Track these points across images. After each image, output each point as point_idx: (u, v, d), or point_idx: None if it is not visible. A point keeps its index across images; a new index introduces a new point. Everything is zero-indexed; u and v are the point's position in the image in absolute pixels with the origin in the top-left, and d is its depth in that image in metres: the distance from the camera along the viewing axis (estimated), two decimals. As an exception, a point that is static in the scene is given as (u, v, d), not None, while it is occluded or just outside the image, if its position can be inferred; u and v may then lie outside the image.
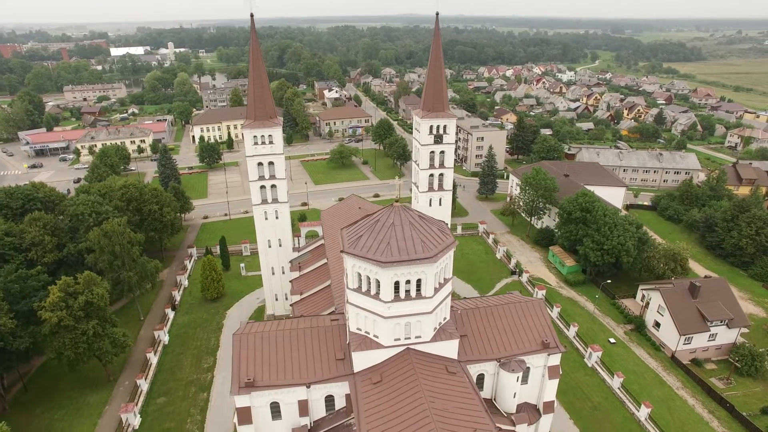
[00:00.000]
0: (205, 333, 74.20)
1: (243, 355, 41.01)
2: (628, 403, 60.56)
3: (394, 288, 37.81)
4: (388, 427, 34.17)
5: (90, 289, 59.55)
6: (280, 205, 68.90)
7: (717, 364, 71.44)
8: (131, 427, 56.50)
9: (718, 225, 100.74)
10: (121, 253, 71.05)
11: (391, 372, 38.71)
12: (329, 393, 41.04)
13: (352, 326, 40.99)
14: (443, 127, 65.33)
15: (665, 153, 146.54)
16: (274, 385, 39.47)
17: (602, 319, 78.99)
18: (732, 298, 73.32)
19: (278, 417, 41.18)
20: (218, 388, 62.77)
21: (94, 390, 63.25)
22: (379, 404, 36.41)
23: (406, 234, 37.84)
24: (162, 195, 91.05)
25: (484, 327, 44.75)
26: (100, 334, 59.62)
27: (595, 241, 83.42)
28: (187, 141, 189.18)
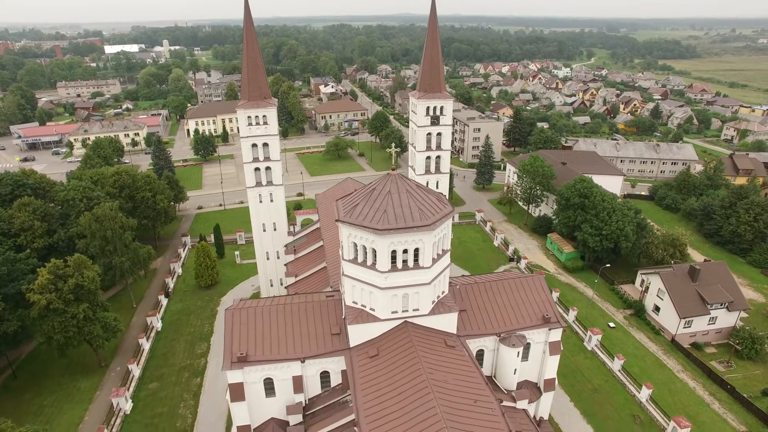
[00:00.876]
0: (199, 320, 72.95)
1: (235, 329, 39.84)
2: (629, 385, 59.76)
3: (391, 258, 36.78)
4: (385, 400, 33.15)
5: (80, 272, 58.19)
6: (275, 187, 67.69)
7: (717, 348, 70.79)
8: (122, 412, 55.22)
9: (716, 212, 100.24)
10: (113, 238, 69.71)
11: (388, 346, 37.65)
12: (324, 369, 39.92)
13: (348, 300, 39.91)
14: (440, 108, 64.32)
15: (662, 144, 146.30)
16: (268, 360, 38.31)
17: (601, 305, 78.23)
18: (732, 281, 72.70)
19: (272, 394, 40.03)
20: (212, 373, 61.55)
21: (84, 376, 61.91)
22: (376, 377, 35.36)
23: (403, 202, 36.81)
24: (155, 182, 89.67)
25: (484, 302, 43.76)
26: (90, 318, 58.29)
27: (593, 226, 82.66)
28: (182, 135, 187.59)
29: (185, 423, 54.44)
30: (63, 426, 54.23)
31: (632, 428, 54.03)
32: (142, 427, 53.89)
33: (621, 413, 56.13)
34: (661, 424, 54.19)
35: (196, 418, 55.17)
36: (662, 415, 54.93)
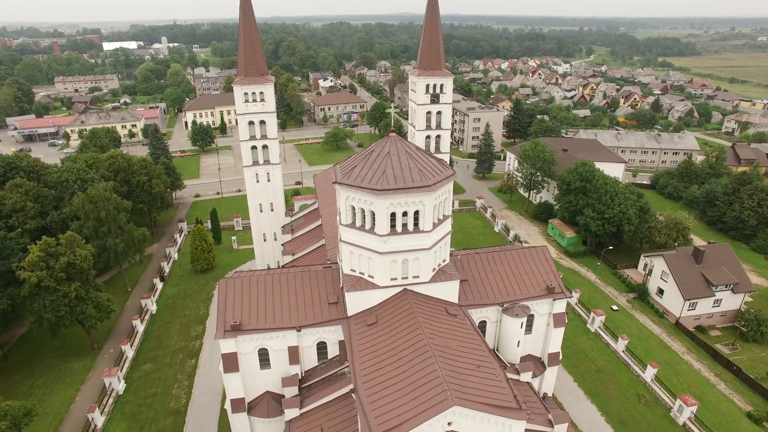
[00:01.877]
0: (195, 303, 71.63)
1: (229, 298, 38.56)
2: (633, 365, 58.54)
3: (391, 222, 35.54)
4: (384, 366, 31.86)
5: (72, 251, 56.89)
6: (272, 166, 66.49)
7: (722, 331, 69.62)
8: (115, 392, 53.90)
9: (719, 199, 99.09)
10: (107, 219, 68.33)
11: (387, 314, 36.37)
12: (321, 339, 38.65)
13: (346, 268, 38.63)
14: (440, 86, 63.26)
15: (663, 134, 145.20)
16: (262, 329, 37.03)
17: (604, 288, 77.03)
18: (736, 263, 71.55)
19: (267, 366, 38.72)
20: (207, 355, 60.27)
21: (77, 357, 60.58)
22: (375, 344, 34.08)
23: (403, 163, 35.57)
24: (151, 166, 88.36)
25: (486, 272, 42.52)
26: (82, 298, 56.94)
27: (595, 210, 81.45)
28: (180, 127, 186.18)
29: (179, 403, 53.14)
30: (54, 406, 52.90)
31: (637, 407, 52.81)
32: (134, 408, 52.55)
33: (625, 393, 54.91)
34: (666, 403, 52.97)
35: (190, 398, 53.87)
36: (668, 394, 53.72)
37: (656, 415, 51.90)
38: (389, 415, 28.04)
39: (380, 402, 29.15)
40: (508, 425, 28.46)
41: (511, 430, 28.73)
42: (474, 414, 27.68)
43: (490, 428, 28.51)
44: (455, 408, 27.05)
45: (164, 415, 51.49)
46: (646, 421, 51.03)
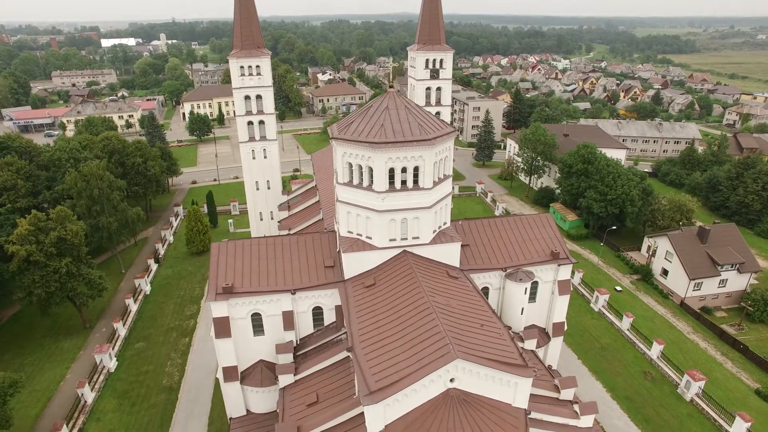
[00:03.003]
0: (190, 284, 70.14)
1: (221, 262, 37.08)
2: (638, 343, 57.15)
3: (389, 179, 34.10)
4: (383, 324, 30.40)
5: (63, 226, 55.44)
6: (269, 143, 65.16)
7: (727, 312, 68.28)
8: (106, 370, 52.40)
9: (722, 184, 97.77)
10: (101, 198, 66.83)
11: (385, 275, 34.91)
12: (317, 304, 37.18)
13: (343, 230, 37.20)
14: (439, 61, 62.06)
15: (665, 123, 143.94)
16: (256, 292, 35.55)
17: (607, 270, 75.70)
18: (742, 243, 70.23)
19: (260, 332, 37.25)
20: (201, 333, 58.79)
21: (68, 336, 59.08)
22: (373, 304, 32.63)
23: (402, 117, 34.12)
24: (146, 148, 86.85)
25: (488, 238, 41.10)
26: (73, 274, 55.38)
27: (598, 191, 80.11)
28: (178, 119, 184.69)
29: (172, 380, 51.66)
30: (44, 383, 51.41)
31: (643, 383, 51.40)
32: (126, 385, 51.07)
33: (631, 370, 53.51)
34: (673, 380, 51.57)
35: (183, 375, 52.41)
36: (674, 370, 52.31)
37: (663, 391, 50.51)
38: (388, 371, 26.58)
39: (378, 359, 27.69)
40: (514, 383, 26.97)
41: (516, 388, 27.23)
42: (478, 370, 26.20)
43: (494, 386, 27.03)
44: (458, 362, 25.58)
45: (156, 392, 50.03)
46: (652, 397, 49.63)
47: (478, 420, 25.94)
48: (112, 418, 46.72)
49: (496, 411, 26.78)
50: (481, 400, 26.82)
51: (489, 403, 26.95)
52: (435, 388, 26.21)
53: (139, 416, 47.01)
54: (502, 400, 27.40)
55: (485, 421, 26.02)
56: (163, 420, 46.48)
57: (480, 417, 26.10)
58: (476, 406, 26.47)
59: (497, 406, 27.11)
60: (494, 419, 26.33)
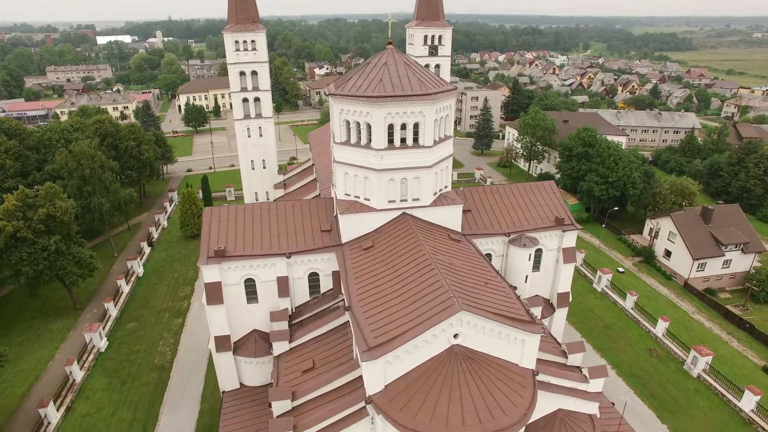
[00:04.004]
0: (184, 266, 68.53)
1: (213, 226, 35.64)
2: (643, 321, 55.90)
3: (388, 136, 32.72)
4: (382, 283, 29.01)
5: (52, 203, 53.80)
6: (264, 120, 63.78)
7: (731, 294, 67.15)
8: (96, 349, 50.77)
9: (723, 170, 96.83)
10: (92, 178, 65.25)
11: (384, 237, 33.52)
12: (313, 269, 35.76)
13: (340, 193, 35.81)
14: (438, 37, 60.95)
15: (664, 113, 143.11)
16: (249, 255, 34.12)
17: (608, 252, 74.50)
18: (746, 224, 69.13)
19: (254, 300, 35.82)
20: (195, 314, 57.21)
21: (58, 318, 57.34)
22: (372, 265, 31.24)
23: (401, 73, 32.75)
24: (139, 132, 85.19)
25: (491, 204, 39.80)
26: (63, 252, 53.66)
27: (599, 174, 78.90)
28: (173, 112, 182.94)
29: (164, 359, 50.07)
30: (31, 363, 49.70)
31: (649, 360, 50.12)
32: (116, 364, 49.44)
33: (636, 347, 52.21)
34: (679, 357, 50.31)
35: (176, 355, 50.80)
36: (680, 347, 51.08)
37: (669, 368, 49.22)
38: (388, 327, 25.19)
39: (378, 317, 26.32)
40: (521, 340, 25.59)
41: (524, 346, 25.83)
42: (483, 324, 24.80)
43: (500, 344, 25.65)
44: (462, 315, 24.18)
45: (148, 371, 48.42)
46: (658, 374, 48.33)
47: (484, 378, 24.57)
48: (102, 397, 45.12)
49: (502, 370, 25.41)
50: (487, 359, 25.46)
51: (495, 362, 25.59)
52: (438, 344, 24.84)
53: (130, 394, 45.41)
54: (508, 360, 26.09)
55: (492, 380, 24.65)
56: (155, 398, 44.90)
57: (486, 375, 24.72)
58: (482, 363, 25.09)
59: (504, 365, 25.76)
60: (501, 377, 24.97)
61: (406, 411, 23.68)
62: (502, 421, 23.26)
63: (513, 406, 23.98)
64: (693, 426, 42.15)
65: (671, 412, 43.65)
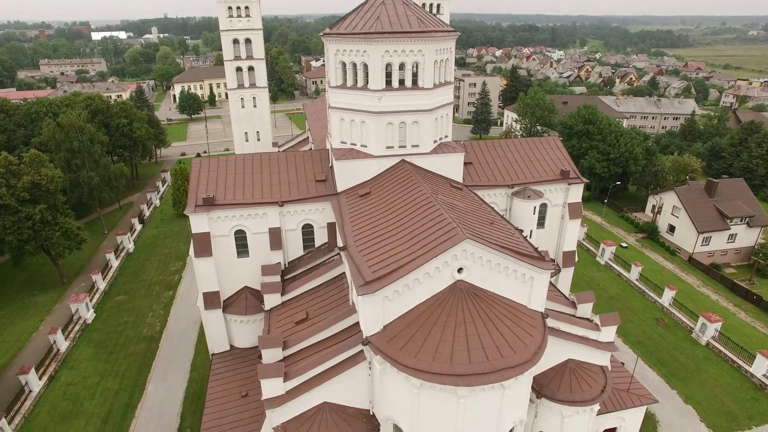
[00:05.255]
0: (176, 242, 66.68)
1: (202, 176, 33.86)
2: (648, 292, 54.38)
3: (386, 77, 30.97)
4: (380, 223, 27.20)
5: (38, 171, 51.86)
6: (258, 90, 62.04)
7: (737, 269, 65.77)
8: (83, 320, 48.80)
9: (725, 151, 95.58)
10: (81, 150, 63.26)
11: (382, 184, 31.78)
12: (307, 221, 33.96)
13: (335, 141, 34.04)
14: (437, 6, 59.22)
15: (663, 99, 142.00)
16: (240, 204, 32.31)
17: (611, 229, 72.98)
18: (752, 197, 67.90)
19: (245, 253, 33.98)
20: (186, 286, 55.38)
21: (44, 292, 55.33)
22: (370, 209, 29.45)
23: (399, 11, 30.97)
24: (131, 110, 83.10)
25: (493, 157, 38.13)
26: (48, 222, 51.72)
27: (600, 151, 77.47)
28: (168, 102, 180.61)
29: (153, 330, 48.17)
30: (15, 335, 47.71)
31: (655, 329, 48.56)
32: (103, 335, 47.49)
33: (642, 317, 50.65)
34: (687, 326, 48.75)
35: (165, 325, 48.91)
36: (688, 316, 49.54)
37: (677, 336, 47.69)
38: (386, 261, 23.42)
39: (375, 253, 24.54)
40: (530, 276, 23.79)
41: (533, 285, 24.04)
42: (490, 257, 22.95)
43: (507, 282, 23.83)
44: (467, 245, 22.33)
45: (136, 342, 46.52)
46: (666, 342, 46.78)
47: (492, 316, 22.76)
48: (87, 366, 43.17)
49: (510, 309, 23.64)
50: (493, 298, 23.68)
51: (502, 302, 23.80)
52: (441, 279, 23.01)
53: (116, 364, 43.48)
54: (516, 301, 24.34)
55: (499, 318, 22.85)
56: (142, 367, 42.98)
57: (493, 313, 22.92)
58: (488, 301, 23.30)
59: (512, 305, 23.97)
60: (509, 316, 23.19)
61: (407, 350, 21.91)
62: (511, 359, 21.51)
63: (522, 344, 22.24)
64: (704, 391, 40.59)
65: (681, 378, 42.08)
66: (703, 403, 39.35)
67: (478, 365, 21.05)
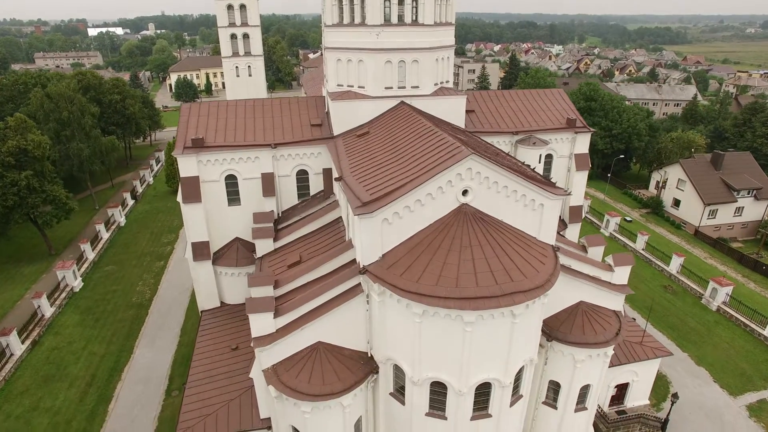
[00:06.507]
0: (169, 217, 64.90)
1: (192, 121, 32.14)
2: (655, 260, 52.80)
3: (384, 17, 29.26)
4: (379, 154, 25.45)
5: (23, 136, 50.04)
6: (254, 58, 60.34)
7: (743, 243, 64.28)
8: (69, 288, 46.95)
9: (728, 131, 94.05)
10: (70, 121, 61.26)
11: (381, 124, 30.09)
12: (302, 166, 32.20)
13: (332, 84, 32.33)
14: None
15: (664, 86, 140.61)
16: (231, 146, 30.58)
17: (614, 205, 71.38)
18: (758, 170, 66.37)
19: (236, 201, 32.24)
20: (178, 256, 53.55)
21: (31, 263, 53.42)
22: (368, 146, 27.72)
23: (399, -62, 29.35)
24: (124, 86, 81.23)
25: (496, 106, 36.44)
26: (35, 189, 49.85)
27: (602, 127, 75.89)
28: (164, 92, 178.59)
29: (143, 298, 46.39)
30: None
31: (664, 296, 46.99)
32: (91, 303, 45.66)
33: (649, 285, 49.08)
34: (696, 292, 47.18)
35: (156, 293, 47.15)
36: (697, 283, 47.96)
37: (686, 302, 46.15)
38: (385, 184, 21.72)
39: (374, 179, 22.86)
40: (540, 203, 22.03)
41: (542, 213, 22.27)
42: (497, 179, 21.02)
43: (516, 208, 21.92)
44: (472, 162, 20.44)
45: (124, 309, 44.71)
46: (675, 308, 45.21)
47: (500, 240, 20.96)
48: (73, 332, 41.35)
49: (519, 236, 21.90)
50: (502, 224, 21.93)
51: (511, 229, 22.06)
52: (444, 202, 21.16)
53: (103, 330, 41.67)
54: (525, 231, 22.61)
55: (508, 243, 21.09)
56: (131, 332, 41.20)
57: (502, 238, 21.12)
58: (496, 226, 21.55)
59: (520, 234, 22.23)
60: (519, 243, 21.45)
61: (408, 275, 20.12)
62: (522, 283, 19.74)
63: (534, 270, 20.48)
64: (716, 354, 39.00)
65: (692, 342, 40.49)
66: (716, 365, 37.76)
67: (487, 288, 19.29)
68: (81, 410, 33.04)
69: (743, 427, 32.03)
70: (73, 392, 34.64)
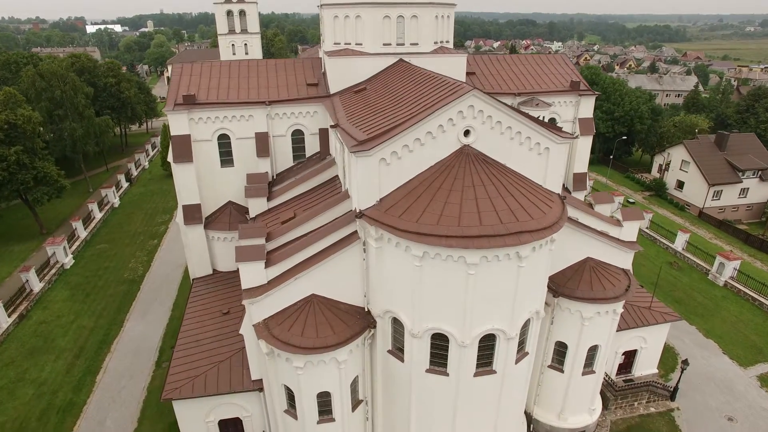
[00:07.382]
0: (164, 198, 63.75)
1: (184, 81, 30.94)
2: (660, 238, 51.73)
3: (383, -37, 28.21)
4: (377, 103, 24.34)
5: (12, 110, 48.88)
6: (250, 36, 59.20)
7: (748, 226, 63.20)
8: (59, 264, 45.74)
9: (730, 118, 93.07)
10: (63, 100, 60.11)
11: (379, 81, 28.96)
12: (297, 126, 31.08)
13: (328, 44, 31.19)
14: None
15: (665, 76, 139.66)
16: (223, 103, 29.45)
17: (617, 188, 70.23)
18: (763, 151, 65.28)
19: (229, 162, 31.15)
20: (172, 235, 52.36)
21: (21, 242, 52.23)
22: (365, 101, 26.61)
23: None
24: (119, 70, 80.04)
25: (497, 69, 35.35)
26: (25, 165, 48.63)
27: (604, 111, 74.84)
28: (162, 85, 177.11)
29: (135, 274, 45.21)
30: (-14, 280, 44.70)
31: (670, 272, 45.78)
32: (81, 279, 44.48)
33: (654, 262, 47.84)
34: (702, 268, 46.09)
35: (148, 270, 45.98)
36: (703, 260, 46.87)
37: (692, 278, 45.05)
38: (384, 122, 20.60)
39: (371, 121, 21.74)
40: (545, 146, 20.94)
41: (548, 157, 21.18)
42: (500, 118, 19.82)
43: (520, 152, 20.73)
44: (474, 100, 19.23)
45: (116, 284, 43.54)
46: (682, 283, 44.11)
47: (504, 182, 19.80)
48: (62, 307, 40.16)
49: (524, 180, 20.77)
50: (505, 168, 20.79)
51: (515, 173, 20.88)
52: (445, 143, 19.96)
53: (94, 304, 40.50)
54: (530, 178, 21.46)
55: (513, 185, 19.93)
56: (122, 307, 40.02)
57: (506, 180, 19.97)
58: (500, 168, 20.41)
59: (526, 179, 21.07)
60: (523, 185, 20.29)
61: (407, 215, 18.94)
62: (528, 223, 18.58)
63: (540, 212, 19.32)
64: (724, 327, 37.88)
65: (699, 315, 39.37)
66: (725, 337, 36.65)
67: (491, 227, 18.14)
68: (67, 381, 31.87)
69: (755, 396, 30.92)
70: (60, 364, 33.46)
